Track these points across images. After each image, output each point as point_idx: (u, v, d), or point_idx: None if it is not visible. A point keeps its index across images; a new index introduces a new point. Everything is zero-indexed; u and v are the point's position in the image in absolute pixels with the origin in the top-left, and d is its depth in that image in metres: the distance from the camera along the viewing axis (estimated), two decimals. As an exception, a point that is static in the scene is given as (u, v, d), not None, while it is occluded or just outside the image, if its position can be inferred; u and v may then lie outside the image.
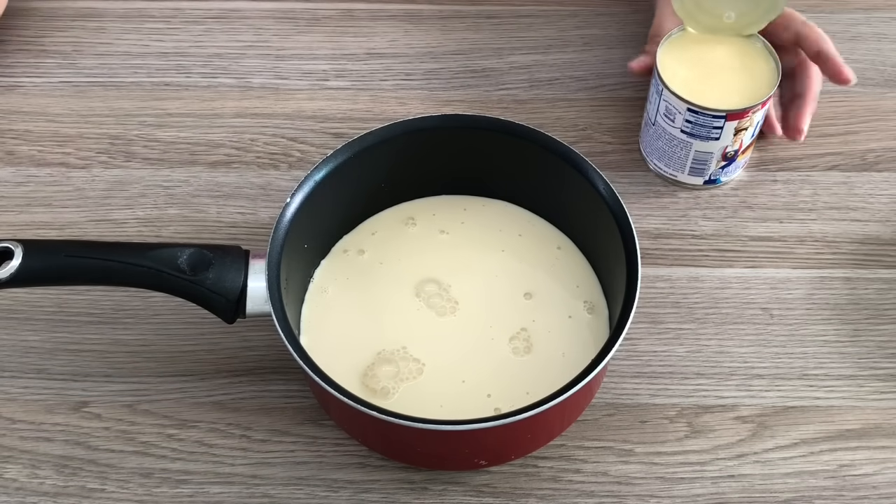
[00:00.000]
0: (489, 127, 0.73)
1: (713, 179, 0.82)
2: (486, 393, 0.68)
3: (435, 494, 0.69)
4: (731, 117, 0.76)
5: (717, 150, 0.79)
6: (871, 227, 0.81)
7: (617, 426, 0.72)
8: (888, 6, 0.94)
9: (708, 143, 0.78)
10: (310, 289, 0.74)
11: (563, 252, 0.75)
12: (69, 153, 0.85)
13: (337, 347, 0.71)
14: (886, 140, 0.86)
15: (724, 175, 0.82)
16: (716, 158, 0.79)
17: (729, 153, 0.79)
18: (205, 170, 0.84)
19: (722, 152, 0.79)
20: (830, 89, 0.88)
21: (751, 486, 0.69)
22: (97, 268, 0.65)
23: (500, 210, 0.77)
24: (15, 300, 0.77)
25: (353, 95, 0.88)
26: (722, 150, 0.79)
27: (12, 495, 0.69)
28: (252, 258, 0.67)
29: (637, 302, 0.65)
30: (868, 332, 0.76)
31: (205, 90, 0.89)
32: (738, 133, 0.77)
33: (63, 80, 0.90)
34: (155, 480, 0.70)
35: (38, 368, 0.74)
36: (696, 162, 0.80)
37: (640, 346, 0.75)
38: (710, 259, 0.79)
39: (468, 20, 0.93)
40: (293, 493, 0.69)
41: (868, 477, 0.70)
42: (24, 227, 0.81)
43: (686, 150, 0.79)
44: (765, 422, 0.72)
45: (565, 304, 0.73)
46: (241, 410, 0.72)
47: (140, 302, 0.76)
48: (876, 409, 0.72)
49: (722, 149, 0.79)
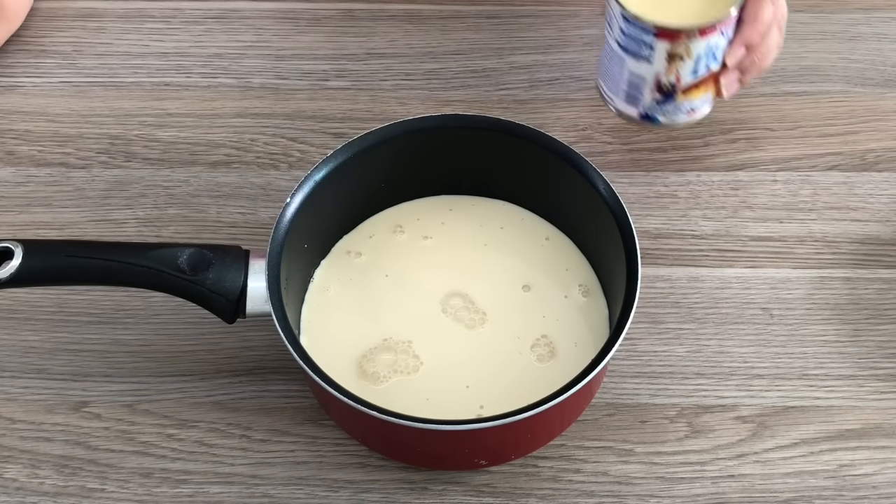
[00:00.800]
0: (489, 127, 0.73)
1: (649, 116, 0.77)
2: (473, 391, 0.68)
3: (435, 494, 0.69)
4: (661, 35, 0.70)
5: (650, 75, 0.73)
6: (871, 227, 0.81)
7: (617, 426, 0.72)
8: (888, 6, 0.94)
9: (640, 64, 0.73)
10: (310, 288, 0.74)
11: (551, 242, 0.76)
12: (69, 153, 0.85)
13: (337, 347, 0.71)
14: (886, 140, 0.86)
15: (661, 114, 0.76)
16: (649, 86, 0.74)
17: (665, 85, 0.73)
18: (205, 170, 0.84)
19: (655, 80, 0.73)
20: (830, 89, 0.88)
21: (751, 486, 0.69)
22: (97, 268, 0.65)
23: (486, 207, 0.77)
24: (15, 300, 0.77)
25: (353, 95, 0.88)
26: (655, 76, 0.73)
27: (12, 495, 0.69)
28: (252, 258, 0.67)
29: (637, 302, 0.65)
30: (868, 332, 0.76)
31: (205, 90, 0.89)
32: (673, 60, 0.71)
33: (63, 80, 0.89)
34: (155, 480, 0.70)
35: (38, 368, 0.74)
36: (630, 86, 0.75)
37: (640, 346, 0.75)
38: (710, 259, 0.79)
39: (468, 20, 0.93)
40: (293, 493, 0.69)
41: (868, 477, 0.70)
42: (24, 227, 0.81)
43: (621, 67, 0.74)
44: (765, 422, 0.72)
45: (562, 288, 0.73)
46: (241, 410, 0.72)
47: (140, 302, 0.76)
48: (876, 409, 0.72)
49: (655, 75, 0.73)
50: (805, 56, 0.90)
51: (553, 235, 0.76)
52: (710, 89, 0.76)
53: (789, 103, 0.87)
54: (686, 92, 0.75)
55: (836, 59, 0.90)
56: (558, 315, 0.72)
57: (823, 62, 0.90)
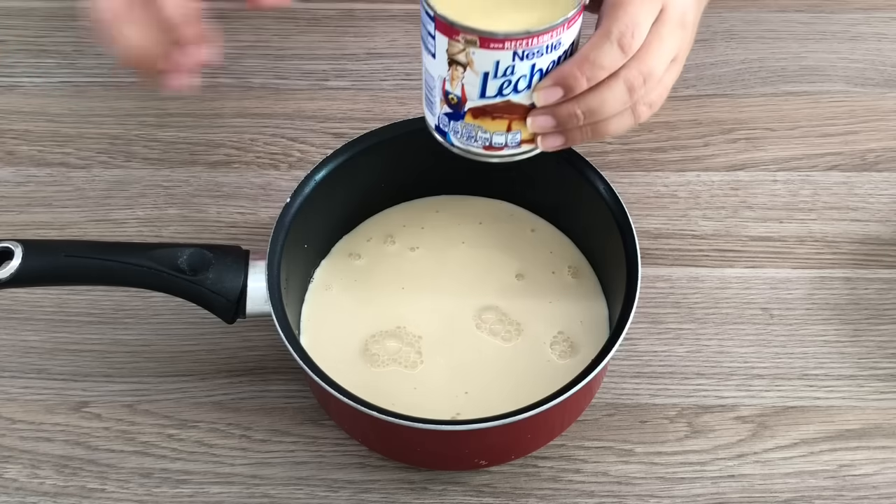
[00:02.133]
0: (489, 127, 0.73)
1: (441, 129, 0.63)
2: (464, 390, 0.69)
3: (435, 494, 0.69)
4: (438, 26, 0.57)
5: (436, 74, 0.60)
6: (871, 227, 0.81)
7: (617, 426, 0.72)
8: (888, 6, 0.94)
9: (428, 59, 0.60)
10: (310, 288, 0.74)
11: (537, 233, 0.76)
12: (69, 153, 0.85)
13: (339, 341, 0.71)
14: (886, 140, 0.86)
15: (453, 134, 0.62)
16: (438, 91, 0.61)
17: (451, 96, 0.59)
18: (205, 170, 0.84)
19: (441, 83, 0.60)
20: (830, 89, 0.88)
21: (751, 486, 0.69)
22: (97, 268, 0.65)
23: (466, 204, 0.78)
24: (15, 300, 0.77)
25: (353, 95, 0.88)
26: (441, 79, 0.60)
27: (12, 495, 0.69)
28: (252, 258, 0.67)
29: (637, 302, 0.65)
30: (868, 332, 0.76)
31: (205, 90, 0.89)
32: (455, 66, 0.58)
33: (63, 80, 0.89)
34: (155, 480, 0.70)
35: (38, 368, 0.74)
36: (426, 87, 0.62)
37: (640, 346, 0.75)
38: (710, 259, 0.79)
39: (468, 20, 0.93)
40: (293, 493, 0.69)
41: (868, 477, 0.70)
42: (24, 227, 0.81)
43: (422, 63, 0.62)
44: (765, 422, 0.72)
45: (554, 275, 0.74)
46: (241, 410, 0.72)
47: (140, 302, 0.76)
48: (876, 409, 0.72)
49: (441, 78, 0.60)
50: (805, 56, 0.90)
51: (553, 234, 0.76)
52: (520, 127, 0.61)
53: (789, 103, 0.88)
54: (477, 116, 0.60)
55: (836, 59, 0.90)
56: (562, 319, 0.72)
57: (823, 62, 0.90)
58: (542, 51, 0.58)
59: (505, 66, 0.57)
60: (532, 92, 0.59)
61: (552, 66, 0.59)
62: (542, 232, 0.76)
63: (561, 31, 0.58)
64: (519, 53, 0.57)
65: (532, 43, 0.57)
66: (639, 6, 0.59)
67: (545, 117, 0.60)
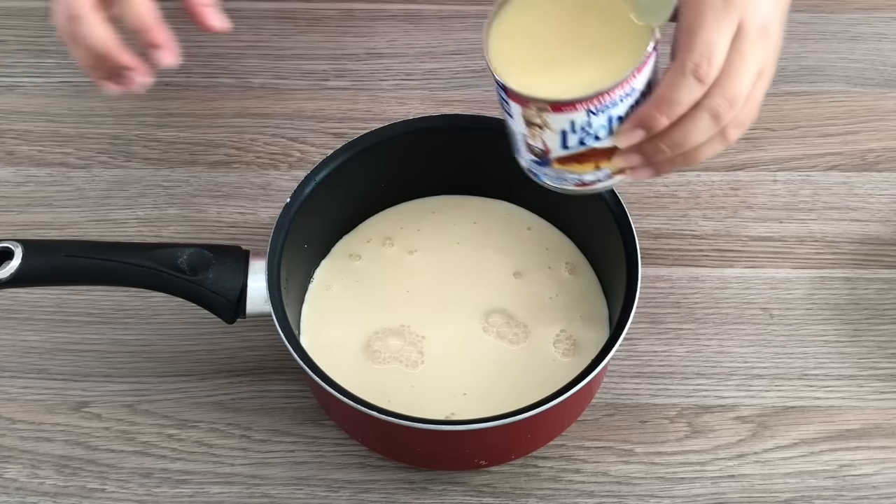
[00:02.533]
0: (489, 127, 0.73)
1: (534, 173, 0.65)
2: (462, 391, 0.69)
3: (435, 494, 0.69)
4: (510, 95, 0.58)
5: (518, 132, 0.62)
6: (871, 227, 0.81)
7: (617, 426, 0.72)
8: (888, 6, 0.94)
9: (507, 118, 0.62)
10: (310, 288, 0.74)
11: (533, 231, 0.76)
12: (69, 153, 0.85)
13: (337, 347, 0.71)
14: (886, 140, 0.86)
15: (545, 177, 0.64)
16: (522, 144, 0.62)
17: (535, 148, 0.61)
18: (205, 170, 0.84)
19: (524, 139, 0.62)
20: (830, 89, 0.88)
21: (751, 486, 0.69)
22: (97, 268, 0.65)
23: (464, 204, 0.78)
24: (15, 300, 0.77)
25: (353, 95, 0.88)
26: (522, 136, 0.62)
27: (12, 495, 0.69)
28: (252, 258, 0.67)
29: (637, 302, 0.65)
30: (868, 332, 0.76)
31: (205, 90, 0.89)
32: (532, 127, 0.60)
33: (63, 80, 0.89)
34: (155, 480, 0.70)
35: (38, 368, 0.74)
36: (512, 137, 0.64)
37: (640, 346, 0.75)
38: (710, 259, 0.79)
39: (468, 20, 0.93)
40: (293, 493, 0.69)
41: (868, 477, 0.70)
42: (24, 227, 0.81)
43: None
44: (765, 422, 0.72)
45: (551, 270, 0.74)
46: (241, 410, 0.72)
47: (140, 302, 0.76)
48: (876, 409, 0.72)
49: (522, 135, 0.61)
50: (805, 56, 0.90)
51: (553, 236, 0.76)
52: (607, 165, 0.62)
53: (789, 103, 0.88)
54: (563, 163, 0.62)
55: (836, 59, 0.90)
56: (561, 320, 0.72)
57: (823, 62, 0.90)
58: (616, 102, 0.58)
59: (581, 124, 0.58)
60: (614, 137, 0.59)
61: (630, 111, 0.58)
62: (539, 230, 0.76)
63: (631, 80, 0.57)
64: (592, 110, 0.57)
65: (604, 100, 0.57)
66: (713, 29, 0.56)
67: (631, 156, 0.60)
